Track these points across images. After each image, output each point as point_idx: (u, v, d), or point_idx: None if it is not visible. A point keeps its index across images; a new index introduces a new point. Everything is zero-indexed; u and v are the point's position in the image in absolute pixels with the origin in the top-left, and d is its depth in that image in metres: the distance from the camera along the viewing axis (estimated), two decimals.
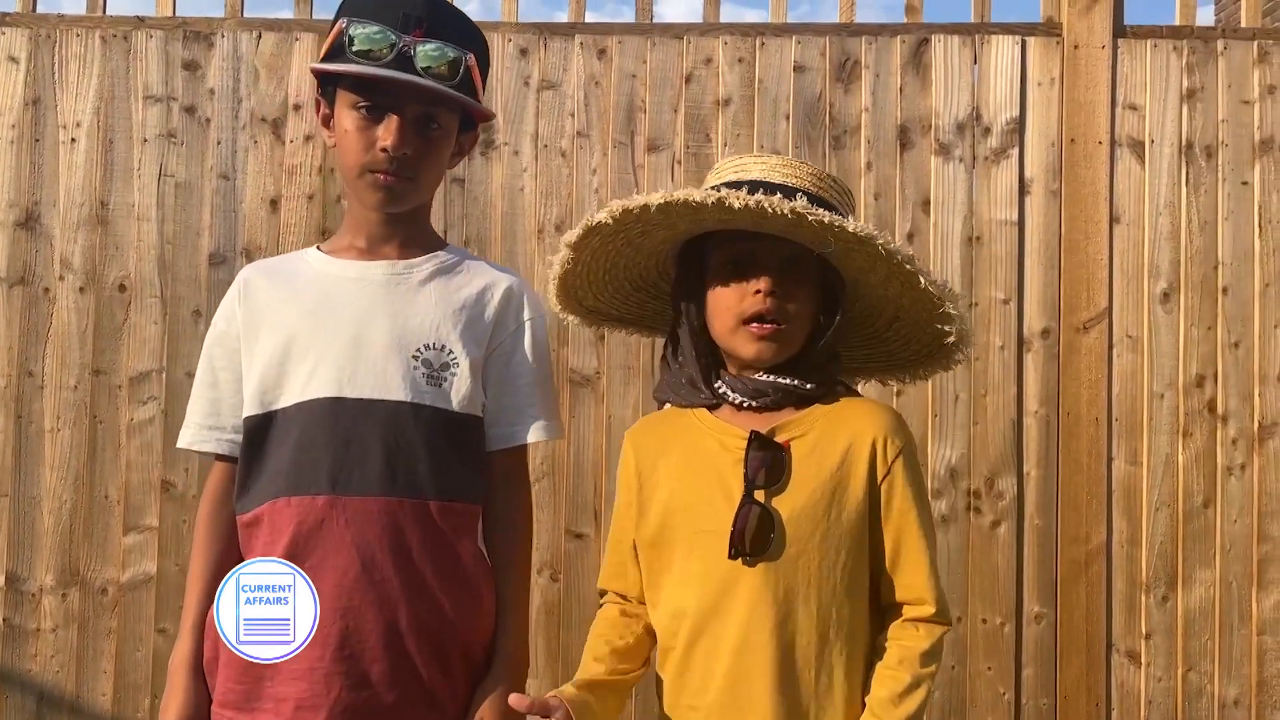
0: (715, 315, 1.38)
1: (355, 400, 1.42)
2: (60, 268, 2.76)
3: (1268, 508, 2.73)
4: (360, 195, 1.48)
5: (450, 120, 1.48)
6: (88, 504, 2.72)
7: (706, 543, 1.32)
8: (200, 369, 1.54)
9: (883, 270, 1.33)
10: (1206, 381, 2.75)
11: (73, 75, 2.78)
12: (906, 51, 2.80)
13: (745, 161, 1.41)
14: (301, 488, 1.41)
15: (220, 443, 1.51)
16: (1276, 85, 2.79)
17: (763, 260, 1.35)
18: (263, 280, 1.53)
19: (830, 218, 1.26)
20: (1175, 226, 2.77)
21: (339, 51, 1.43)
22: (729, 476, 1.34)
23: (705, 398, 1.40)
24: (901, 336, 1.47)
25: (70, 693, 2.69)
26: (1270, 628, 2.72)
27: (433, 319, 1.47)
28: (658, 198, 1.29)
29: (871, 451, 1.34)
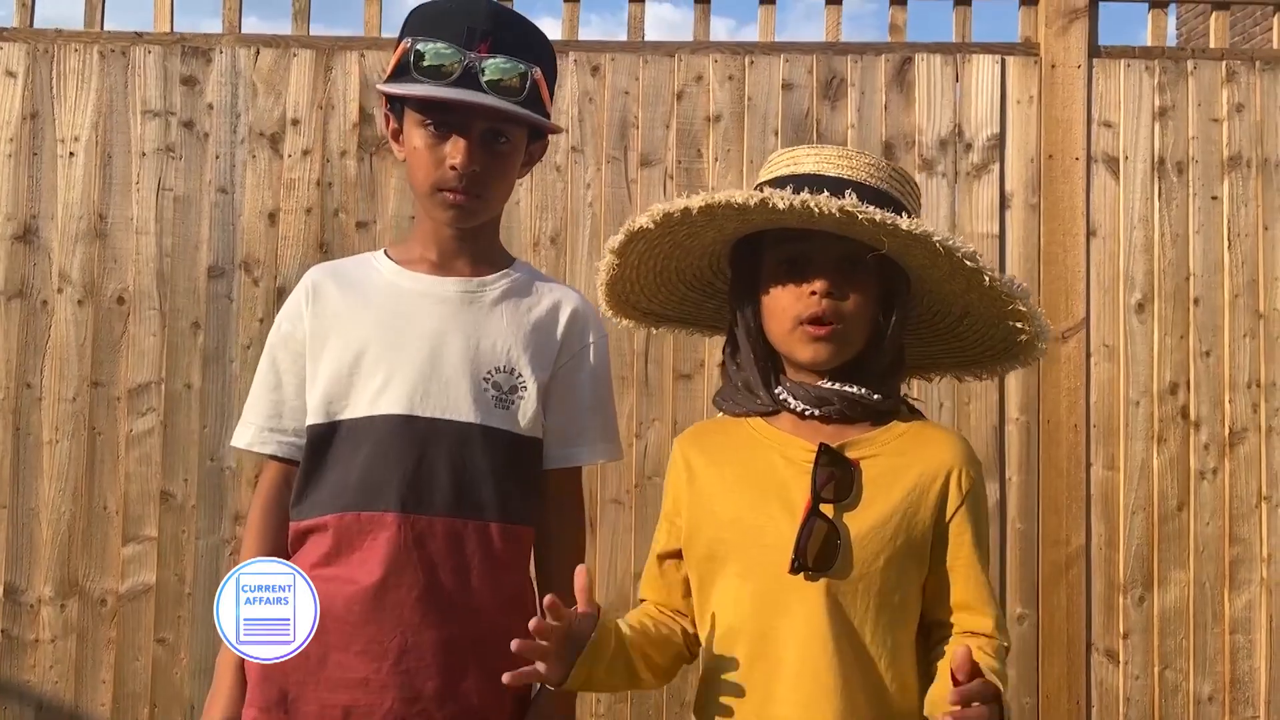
0: (771, 317, 1.32)
1: (427, 420, 1.41)
2: (59, 280, 2.75)
3: (1238, 510, 2.82)
4: (431, 212, 1.46)
5: (519, 134, 1.46)
6: (86, 515, 2.72)
7: (765, 558, 1.25)
8: (262, 369, 1.52)
9: (945, 267, 1.26)
10: (1179, 389, 2.83)
11: (71, 90, 2.78)
12: (891, 70, 2.87)
13: (799, 153, 1.34)
14: (371, 503, 1.40)
15: (281, 445, 1.50)
16: (1244, 104, 2.88)
17: (817, 260, 1.28)
18: (333, 285, 1.50)
19: (882, 215, 1.19)
20: (1149, 239, 2.86)
21: (405, 70, 1.41)
22: (792, 490, 1.27)
23: (763, 403, 1.33)
24: (974, 332, 1.39)
25: (69, 703, 2.68)
26: (1241, 626, 2.80)
27: (504, 341, 1.46)
28: (699, 200, 1.24)
29: (945, 483, 1.27)
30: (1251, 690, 2.80)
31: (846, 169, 1.29)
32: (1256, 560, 2.81)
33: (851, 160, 1.30)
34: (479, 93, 1.39)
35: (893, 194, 1.29)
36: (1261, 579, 2.80)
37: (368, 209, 2.79)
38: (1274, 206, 2.86)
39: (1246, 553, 2.81)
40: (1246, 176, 2.87)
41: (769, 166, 1.36)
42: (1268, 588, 2.80)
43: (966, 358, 1.45)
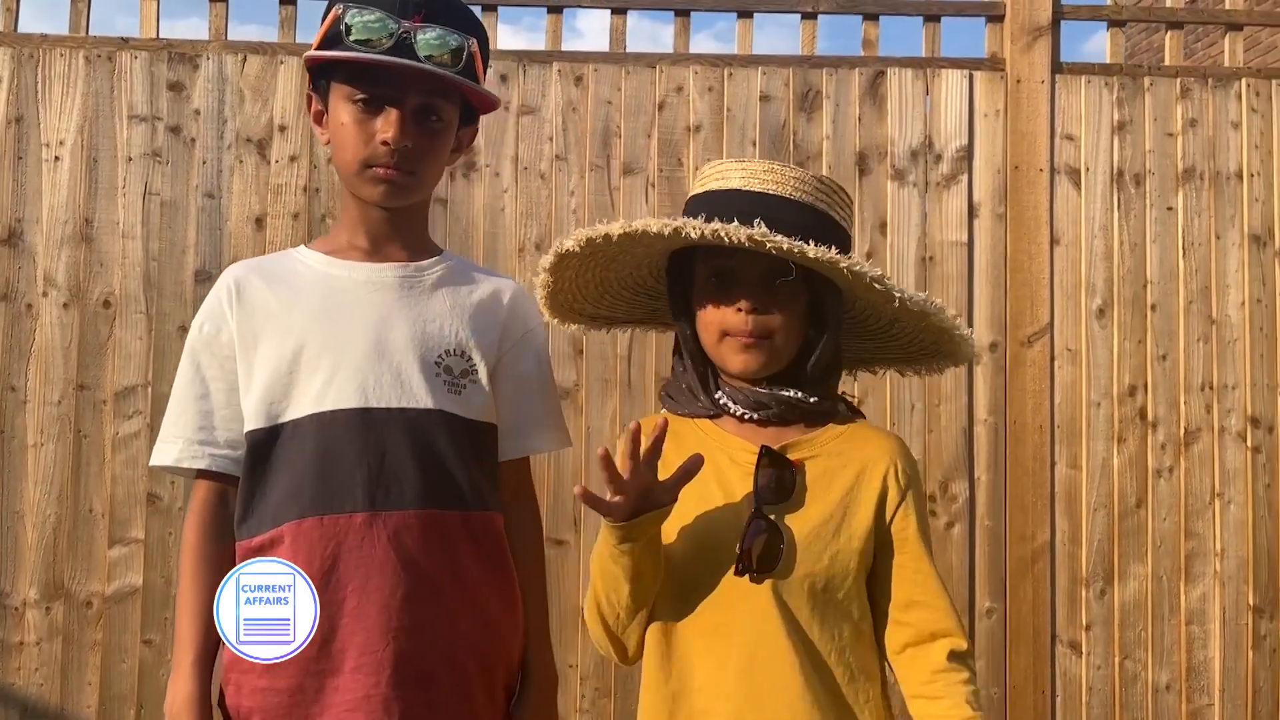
0: (702, 329, 1.34)
1: (383, 410, 1.32)
2: (44, 284, 2.74)
3: (1193, 507, 2.92)
4: (360, 191, 1.37)
5: (451, 113, 1.39)
6: (72, 518, 2.70)
7: (711, 559, 1.27)
8: (185, 378, 1.38)
9: (860, 284, 1.28)
10: (1138, 391, 2.94)
11: (57, 94, 2.77)
12: (864, 83, 2.94)
13: (726, 167, 1.35)
14: (334, 505, 1.30)
15: (214, 459, 1.36)
16: (1198, 119, 2.99)
17: (743, 276, 1.30)
18: (258, 281, 1.39)
19: (790, 243, 1.21)
20: (1108, 248, 2.96)
21: (334, 41, 1.33)
22: (736, 491, 1.28)
23: (705, 407, 1.35)
24: (905, 335, 1.42)
25: (55, 705, 2.66)
26: (1197, 618, 2.91)
27: (450, 324, 1.39)
28: (617, 228, 1.27)
29: (884, 480, 1.30)
30: (1206, 679, 2.90)
31: (771, 184, 1.30)
32: (1210, 554, 2.92)
33: (777, 174, 1.31)
34: (415, 61, 1.32)
35: (818, 206, 1.30)
36: (1215, 572, 2.91)
37: None
38: (1225, 217, 2.98)
39: (1201, 547, 2.92)
40: (1200, 189, 2.98)
41: (700, 178, 1.38)
42: (1221, 581, 2.91)
43: (903, 354, 1.48)
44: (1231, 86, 3.00)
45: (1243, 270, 2.96)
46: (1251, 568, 2.92)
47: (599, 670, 2.77)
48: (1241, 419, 2.94)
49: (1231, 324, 2.95)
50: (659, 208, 2.87)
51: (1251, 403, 2.94)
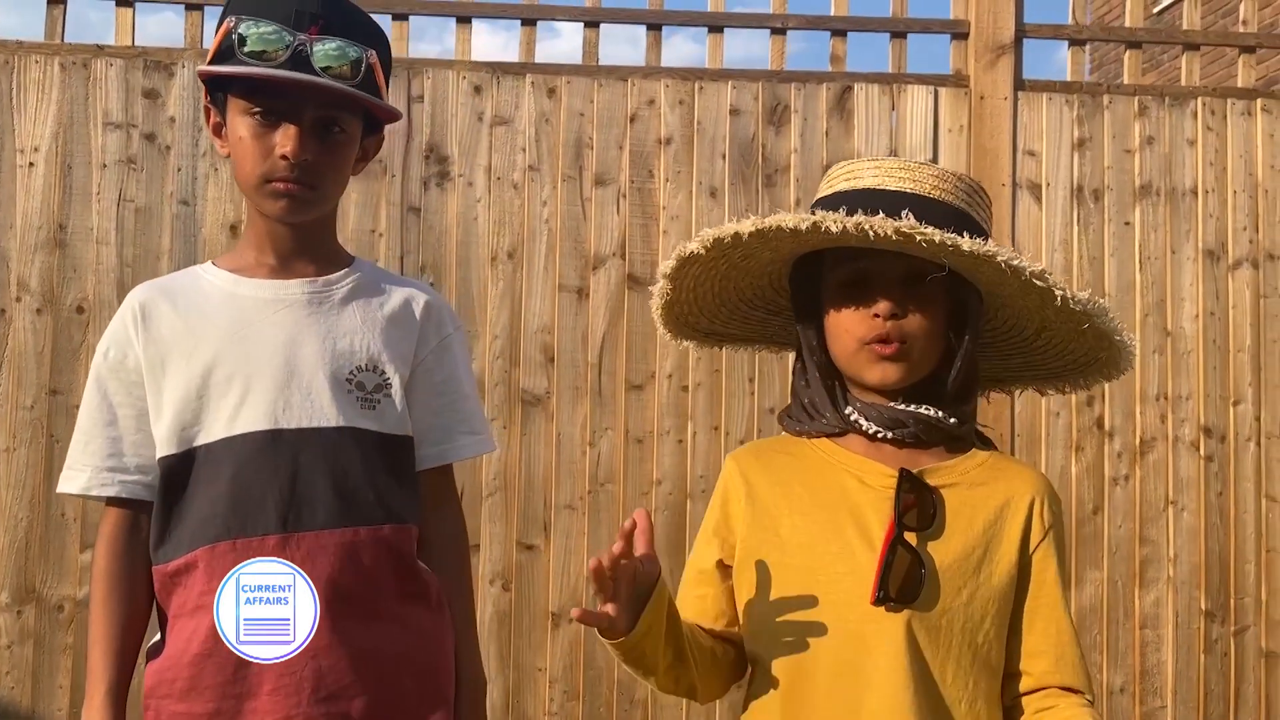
0: (834, 339, 1.23)
1: (294, 431, 1.31)
2: (17, 289, 2.72)
3: (1147, 514, 2.97)
4: (261, 207, 1.34)
5: (353, 124, 1.36)
6: (44, 522, 2.69)
7: (840, 587, 1.16)
8: (90, 404, 1.35)
9: (1014, 284, 1.17)
10: (1095, 401, 2.98)
11: (31, 100, 2.75)
12: (832, 98, 2.98)
13: (857, 167, 1.25)
14: (246, 529, 1.28)
15: (124, 485, 1.33)
16: (1154, 136, 3.04)
17: (880, 279, 1.19)
18: (164, 303, 1.36)
19: (941, 236, 1.10)
20: (1068, 261, 3.00)
21: (228, 53, 1.29)
22: (868, 516, 1.17)
23: (830, 424, 1.24)
24: (1054, 346, 1.29)
25: (26, 708, 2.65)
26: (1150, 622, 2.96)
27: (361, 339, 1.36)
28: (749, 225, 1.17)
29: (1028, 515, 1.20)
30: (1159, 681, 2.96)
31: (908, 182, 1.20)
32: (1164, 560, 2.97)
33: (914, 173, 1.21)
34: (311, 75, 1.28)
35: (959, 206, 1.21)
36: (1169, 577, 2.96)
37: None
38: (1181, 232, 3.03)
39: (1155, 553, 2.97)
40: (1156, 204, 3.03)
41: (828, 180, 1.29)
42: (1174, 586, 2.96)
43: (1048, 371, 1.36)
44: (1188, 105, 3.05)
45: (1197, 284, 3.02)
46: (1204, 573, 2.97)
47: (567, 673, 2.79)
48: (1195, 429, 2.99)
49: (1186, 336, 3.01)
50: (630, 219, 2.89)
51: (1205, 413, 2.99)
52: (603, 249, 2.87)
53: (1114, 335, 1.20)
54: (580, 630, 2.76)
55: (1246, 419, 3.01)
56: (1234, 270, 3.03)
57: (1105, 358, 1.26)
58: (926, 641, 1.14)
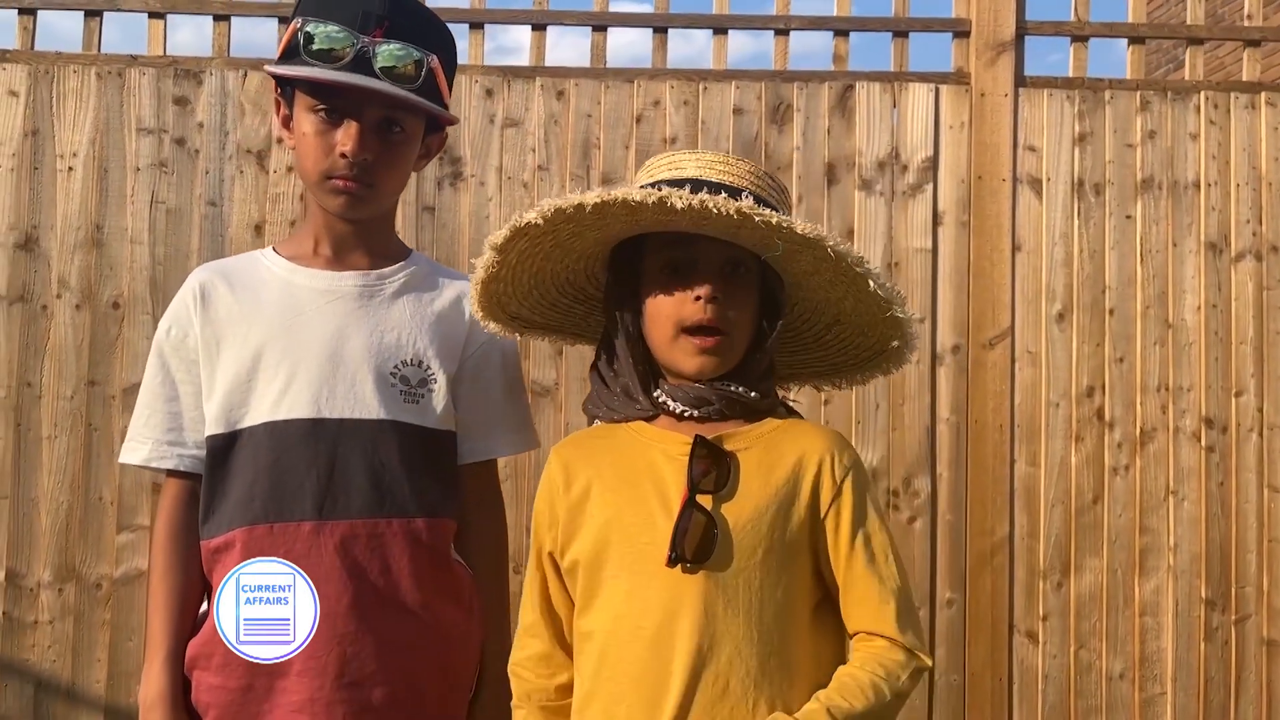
0: (653, 324, 1.24)
1: (335, 420, 1.33)
2: (58, 286, 2.86)
3: (1147, 504, 2.98)
4: (322, 201, 1.37)
5: (414, 124, 1.38)
6: (83, 505, 2.83)
7: (645, 555, 1.18)
8: (153, 379, 1.39)
9: (828, 273, 1.21)
10: (1095, 392, 2.99)
11: (70, 108, 2.89)
12: (834, 97, 3.02)
13: (680, 158, 1.27)
14: (283, 514, 1.31)
15: (182, 459, 1.37)
16: (1156, 130, 3.04)
17: (703, 265, 1.22)
18: (223, 286, 1.38)
19: (778, 218, 1.14)
20: (1068, 255, 3.02)
21: (295, 52, 1.32)
22: (669, 485, 1.20)
23: (643, 408, 1.26)
24: (841, 340, 1.35)
25: (66, 680, 2.80)
26: (1150, 609, 2.97)
27: (409, 334, 1.38)
28: (593, 196, 1.15)
29: (818, 471, 1.22)
30: (1159, 668, 2.97)
31: (729, 175, 1.23)
32: (1164, 549, 2.98)
33: (732, 167, 1.25)
34: (371, 78, 1.30)
35: (769, 200, 1.24)
36: (1169, 566, 2.97)
37: None
38: (1182, 225, 3.03)
39: (1155, 542, 2.98)
40: (1158, 198, 3.03)
41: (648, 169, 1.29)
42: (1174, 574, 2.97)
43: (828, 366, 1.41)
44: (1190, 99, 3.05)
45: (1199, 276, 3.02)
46: (1204, 562, 2.97)
47: None
48: (1196, 420, 2.99)
49: (1187, 328, 3.01)
50: None
51: (1206, 404, 2.99)
52: None
53: (907, 325, 1.25)
54: None
55: (1249, 410, 3.00)
56: (1236, 263, 3.03)
57: (892, 351, 1.30)
58: (724, 601, 1.16)
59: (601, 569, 1.21)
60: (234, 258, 1.48)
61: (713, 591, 1.17)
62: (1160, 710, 2.95)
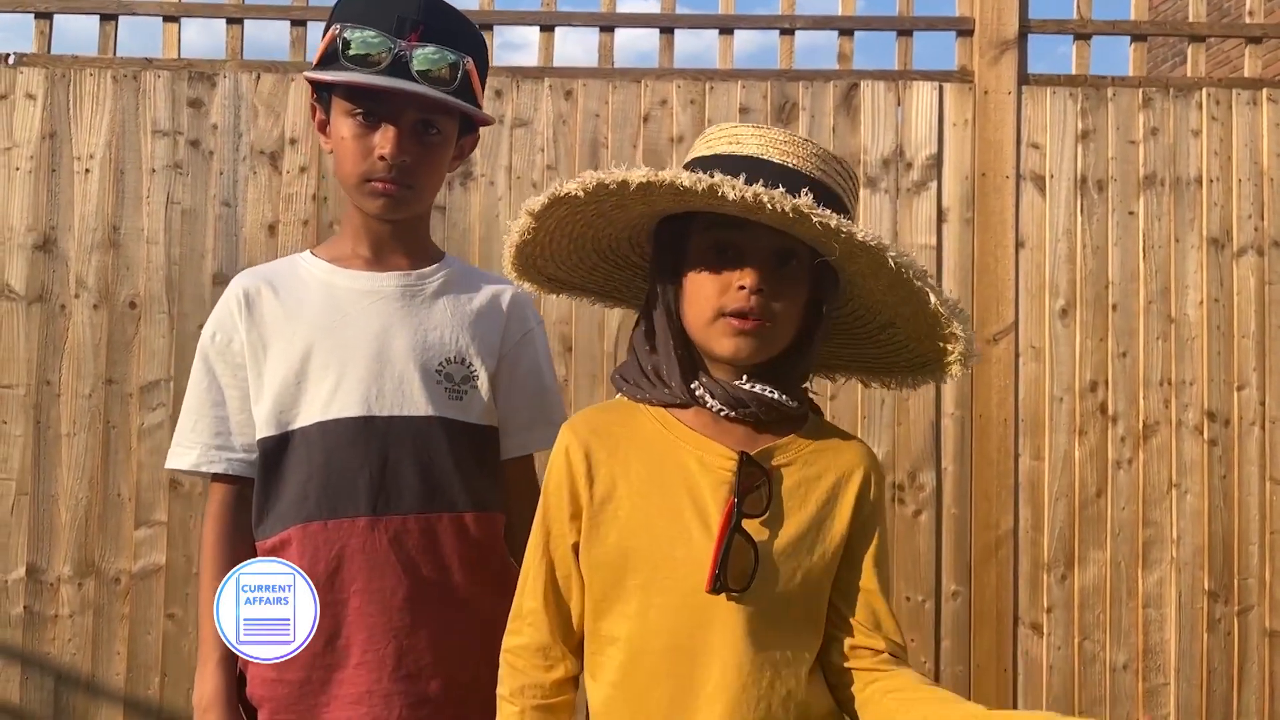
0: (691, 304, 1.17)
1: (385, 418, 1.35)
2: (75, 286, 2.90)
3: (1150, 497, 3.00)
4: (360, 204, 1.39)
5: (450, 125, 1.40)
6: (102, 501, 2.86)
7: (678, 572, 1.13)
8: (199, 384, 1.41)
9: (886, 279, 1.13)
10: (1099, 386, 3.01)
11: (87, 111, 2.92)
12: (838, 95, 3.03)
13: (741, 131, 1.18)
14: (337, 510, 1.33)
15: (230, 463, 1.40)
16: (1159, 127, 3.06)
17: (751, 252, 1.14)
18: (267, 291, 1.41)
19: (837, 221, 1.05)
20: (1072, 251, 3.03)
21: (333, 58, 1.34)
22: (707, 499, 1.14)
23: (673, 395, 1.19)
24: (895, 342, 1.27)
25: (86, 673, 2.83)
26: (1153, 601, 2.99)
27: (451, 332, 1.40)
28: (639, 175, 1.09)
29: (860, 490, 1.19)
30: (1162, 659, 2.98)
31: (792, 157, 1.15)
32: (1167, 541, 2.99)
33: (798, 148, 1.16)
34: (408, 81, 1.32)
35: (834, 188, 1.16)
36: (1171, 558, 2.99)
37: None
38: (1185, 221, 3.04)
39: (1158, 535, 3.00)
40: (1160, 194, 3.04)
41: (707, 140, 1.22)
42: (1177, 566, 2.98)
43: (878, 365, 1.33)
44: (1192, 96, 3.06)
45: (1201, 271, 3.03)
46: (1207, 554, 2.99)
47: None
48: (1198, 413, 3.00)
49: (1190, 323, 3.02)
50: None
51: (1208, 398, 3.01)
52: None
53: (967, 343, 1.17)
54: None
55: (1251, 403, 3.02)
56: (1239, 257, 3.04)
57: (948, 363, 1.21)
58: (763, 623, 1.13)
59: (628, 575, 1.15)
60: (274, 263, 1.50)
61: (753, 615, 1.12)
62: (1164, 701, 2.97)
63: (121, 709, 2.83)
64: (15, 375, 2.87)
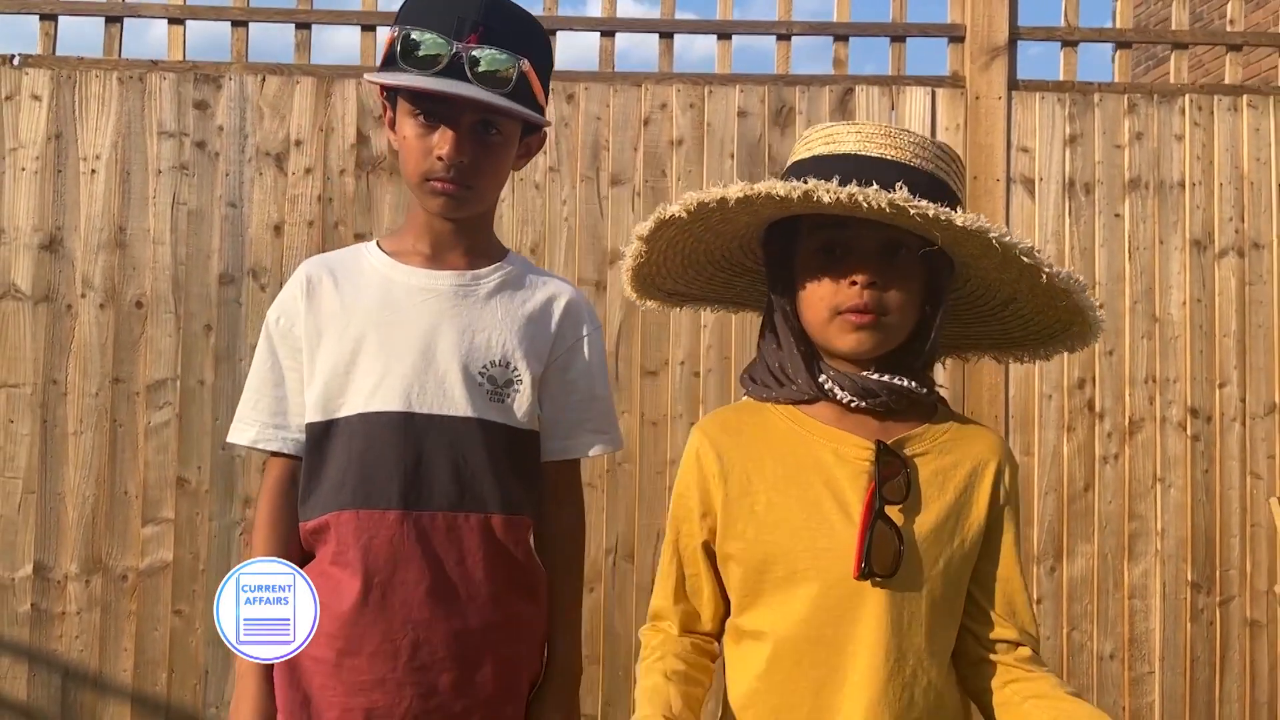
0: (808, 305, 1.19)
1: (424, 415, 1.37)
2: (82, 286, 2.91)
3: (1136, 490, 3.08)
4: (422, 202, 1.40)
5: (511, 126, 1.39)
6: (109, 499, 2.88)
7: (822, 562, 1.15)
8: (262, 364, 1.44)
9: (996, 259, 1.14)
10: (1086, 384, 3.09)
11: (93, 112, 2.93)
12: (834, 99, 3.09)
13: (837, 130, 1.19)
14: (371, 501, 1.36)
15: (286, 441, 1.43)
16: (1143, 132, 3.13)
17: (859, 248, 1.16)
18: (328, 280, 1.43)
19: (935, 209, 1.06)
20: (1060, 252, 3.10)
21: (394, 60, 1.35)
22: (846, 489, 1.16)
23: (800, 390, 1.21)
24: (1020, 316, 1.26)
25: (94, 669, 2.85)
26: (1139, 592, 3.07)
27: (499, 335, 1.41)
28: (736, 190, 1.12)
29: (995, 479, 1.20)
30: (1147, 648, 3.06)
31: (890, 149, 1.16)
32: (1152, 534, 3.07)
33: (895, 139, 1.16)
34: (464, 84, 1.32)
35: (939, 175, 1.16)
36: (1156, 550, 3.07)
37: (364, 222, 2.97)
38: (1169, 223, 3.12)
39: (1143, 528, 3.07)
40: (1145, 197, 3.12)
41: (805, 142, 1.23)
42: (1161, 558, 3.06)
43: (1007, 340, 1.33)
44: (1175, 102, 3.14)
45: (1184, 272, 3.11)
46: (1190, 547, 3.07)
47: (589, 639, 2.92)
48: (1182, 410, 3.09)
49: (1173, 322, 3.10)
50: (644, 216, 3.00)
51: (1191, 395, 3.09)
52: (619, 245, 3.00)
53: (1090, 310, 1.19)
54: (600, 598, 2.92)
55: (1232, 400, 3.10)
56: (1220, 259, 3.12)
57: (1075, 330, 1.24)
58: (907, 612, 1.14)
59: (770, 569, 1.17)
60: (341, 251, 1.52)
61: (897, 603, 1.14)
62: (1148, 689, 3.05)
63: (129, 705, 2.84)
64: (22, 374, 2.88)
